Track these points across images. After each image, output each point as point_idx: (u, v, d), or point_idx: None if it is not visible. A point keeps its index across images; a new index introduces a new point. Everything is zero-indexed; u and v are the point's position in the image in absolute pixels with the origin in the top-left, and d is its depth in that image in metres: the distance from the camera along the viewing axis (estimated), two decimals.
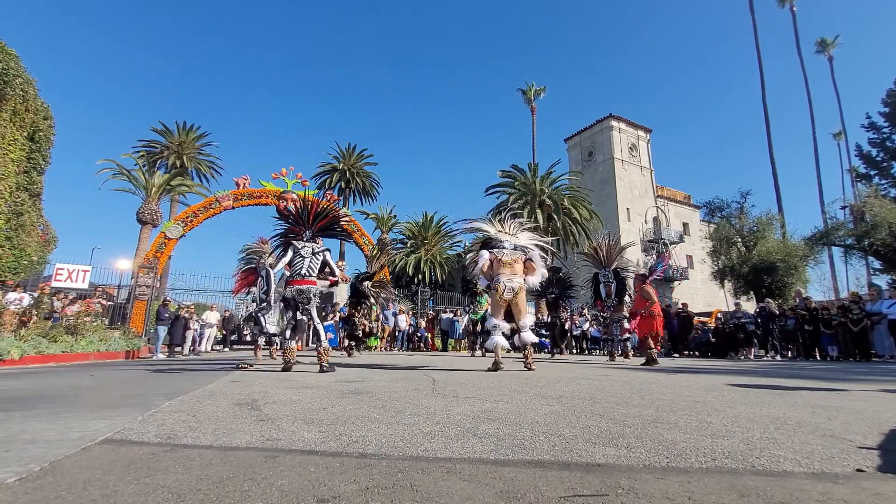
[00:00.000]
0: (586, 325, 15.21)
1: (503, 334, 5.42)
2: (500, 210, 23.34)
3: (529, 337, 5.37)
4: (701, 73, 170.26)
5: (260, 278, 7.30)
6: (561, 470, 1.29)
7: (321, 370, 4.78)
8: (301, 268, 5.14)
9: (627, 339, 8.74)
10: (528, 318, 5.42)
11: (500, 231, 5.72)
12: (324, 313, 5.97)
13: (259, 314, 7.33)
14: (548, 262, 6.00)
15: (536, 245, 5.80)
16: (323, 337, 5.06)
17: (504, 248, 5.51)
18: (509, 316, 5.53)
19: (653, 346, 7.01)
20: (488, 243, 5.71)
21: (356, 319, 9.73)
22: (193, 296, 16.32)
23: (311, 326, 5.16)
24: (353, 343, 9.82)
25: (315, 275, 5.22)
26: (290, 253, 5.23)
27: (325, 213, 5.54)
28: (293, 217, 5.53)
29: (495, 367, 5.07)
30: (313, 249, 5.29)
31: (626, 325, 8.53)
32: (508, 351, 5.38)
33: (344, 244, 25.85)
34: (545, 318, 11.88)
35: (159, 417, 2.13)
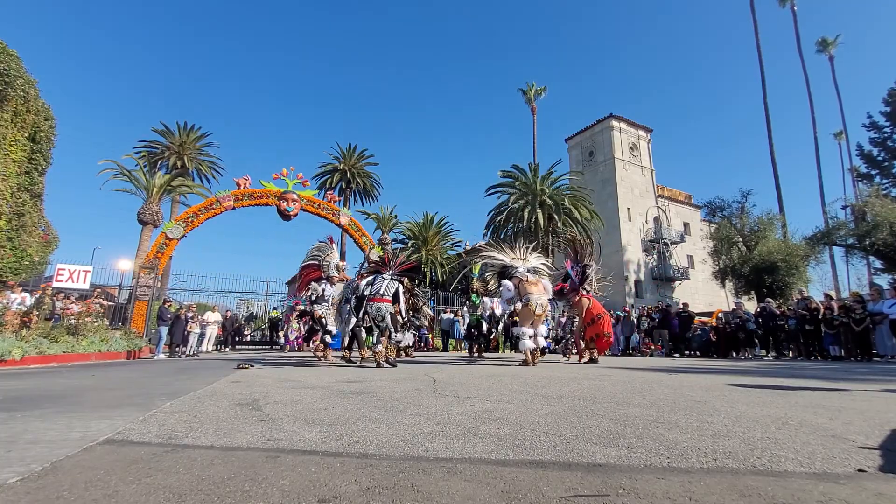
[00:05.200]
0: (546, 329, 15.14)
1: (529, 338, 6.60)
2: (500, 210, 23.32)
3: (542, 343, 6.85)
4: (702, 73, 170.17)
5: (346, 287, 7.74)
6: (562, 470, 1.29)
7: (377, 365, 5.87)
8: (380, 288, 6.53)
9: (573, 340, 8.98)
10: (543, 328, 6.89)
11: (514, 259, 7.14)
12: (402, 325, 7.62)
13: (326, 316, 7.74)
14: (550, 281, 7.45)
15: (543, 264, 7.44)
16: (393, 339, 6.55)
17: (520, 272, 6.86)
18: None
19: (593, 346, 7.40)
20: (504, 271, 7.11)
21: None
22: (194, 296, 16.36)
23: (386, 331, 6.49)
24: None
25: (390, 295, 6.57)
26: (372, 278, 6.80)
27: (406, 262, 7.17)
28: (380, 262, 7.17)
29: (526, 364, 6.29)
30: (392, 277, 6.76)
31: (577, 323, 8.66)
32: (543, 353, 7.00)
33: (345, 245, 25.89)
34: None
35: (160, 417, 2.13)
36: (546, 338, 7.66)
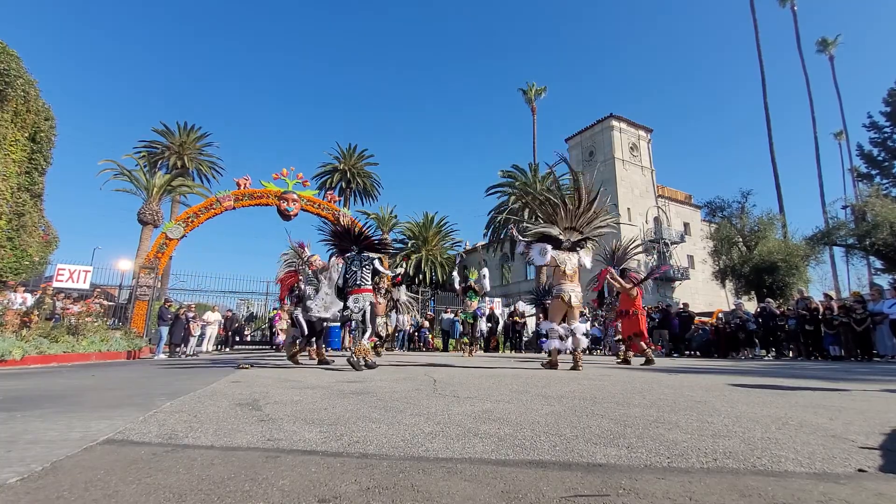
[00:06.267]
0: (587, 325, 15.20)
1: (560, 337, 5.83)
2: (500, 210, 23.31)
3: (583, 341, 5.85)
4: (702, 73, 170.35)
5: (318, 280, 7.26)
6: (562, 470, 1.29)
7: (348, 361, 5.35)
8: (356, 279, 5.82)
9: (619, 339, 8.76)
10: (582, 325, 5.89)
11: (565, 229, 6.06)
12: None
13: (300, 315, 7.24)
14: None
15: (600, 231, 6.29)
16: (367, 336, 5.68)
17: (564, 245, 5.97)
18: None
19: (633, 346, 7.22)
20: (546, 238, 6.09)
21: (377, 318, 9.90)
22: (194, 296, 16.38)
23: (363, 326, 5.79)
24: (376, 343, 10.07)
25: (369, 283, 5.86)
26: (343, 268, 6.09)
27: (368, 236, 6.27)
28: (341, 235, 6.28)
29: (551, 365, 5.63)
30: (361, 261, 5.94)
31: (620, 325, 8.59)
32: (561, 353, 5.90)
33: None
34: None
35: (160, 417, 2.13)
36: (587, 335, 6.57)
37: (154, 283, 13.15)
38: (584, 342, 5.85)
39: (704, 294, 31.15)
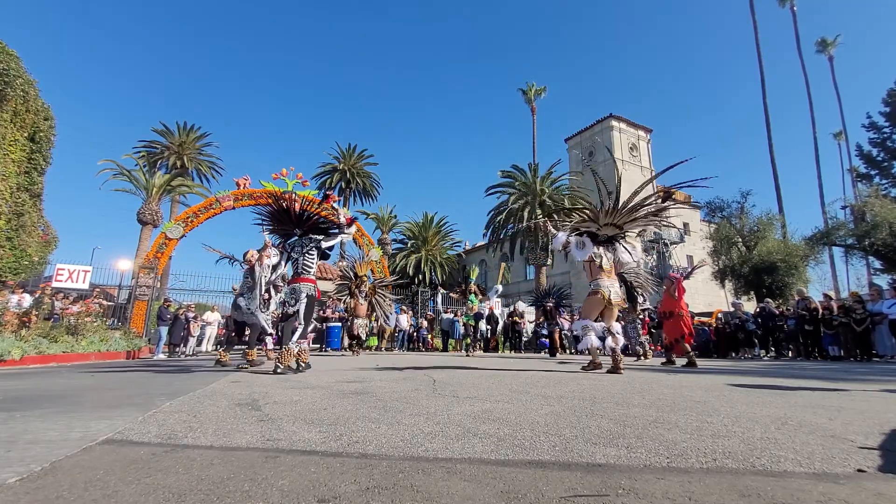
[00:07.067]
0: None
1: (597, 334, 5.32)
2: (500, 210, 23.29)
3: (621, 341, 5.32)
4: (702, 73, 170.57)
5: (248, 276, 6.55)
6: (561, 470, 1.29)
7: (274, 371, 4.51)
8: (297, 267, 5.13)
9: (644, 339, 8.77)
10: (617, 324, 5.39)
11: (605, 225, 5.48)
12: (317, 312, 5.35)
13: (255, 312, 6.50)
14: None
15: (650, 222, 5.69)
16: (295, 338, 4.82)
17: (600, 242, 5.54)
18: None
19: (677, 349, 7.13)
20: (584, 232, 5.63)
21: (357, 319, 9.95)
22: (194, 296, 16.35)
23: (294, 325, 4.89)
24: (353, 343, 10.14)
25: (311, 271, 5.12)
26: (283, 258, 5.44)
27: (309, 216, 5.50)
28: (280, 217, 5.41)
29: (593, 366, 5.22)
30: (304, 245, 5.19)
31: (639, 326, 8.57)
32: (600, 351, 5.43)
33: (344, 245, 25.85)
34: (544, 325, 12.12)
35: (160, 417, 2.13)
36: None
37: (153, 283, 13.15)
38: (622, 340, 5.38)
39: (704, 294, 31.15)
